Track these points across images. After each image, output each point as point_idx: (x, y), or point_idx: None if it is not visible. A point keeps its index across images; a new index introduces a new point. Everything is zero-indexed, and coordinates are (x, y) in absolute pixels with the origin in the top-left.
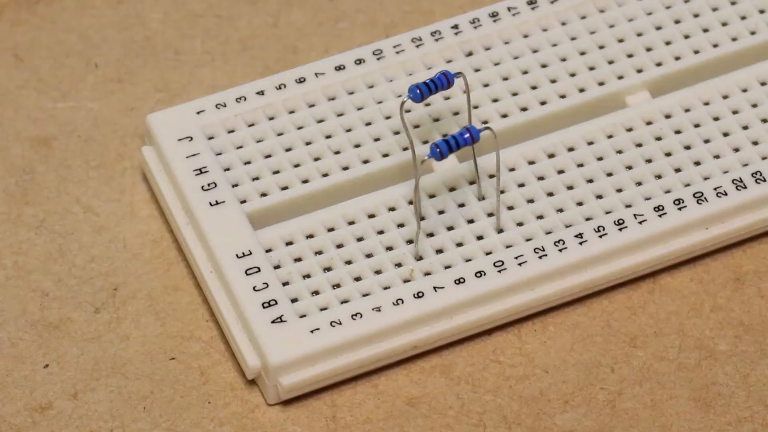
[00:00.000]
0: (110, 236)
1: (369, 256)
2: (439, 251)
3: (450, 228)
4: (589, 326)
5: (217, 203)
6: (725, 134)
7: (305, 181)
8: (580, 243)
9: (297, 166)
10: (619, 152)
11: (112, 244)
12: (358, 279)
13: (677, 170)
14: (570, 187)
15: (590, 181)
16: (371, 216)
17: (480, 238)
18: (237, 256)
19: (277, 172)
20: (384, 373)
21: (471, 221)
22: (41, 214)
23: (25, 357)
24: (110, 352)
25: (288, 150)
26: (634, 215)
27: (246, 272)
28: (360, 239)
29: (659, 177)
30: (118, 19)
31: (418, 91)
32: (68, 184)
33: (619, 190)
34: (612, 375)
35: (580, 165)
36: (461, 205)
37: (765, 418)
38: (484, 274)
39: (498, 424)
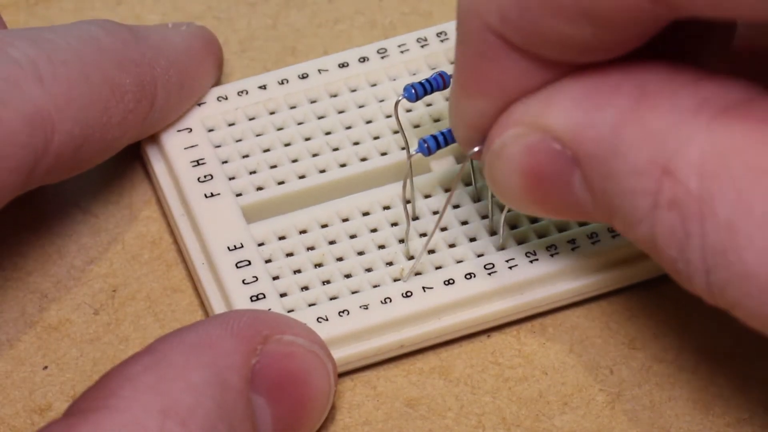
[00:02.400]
0: (109, 238)
1: (361, 253)
2: (431, 251)
3: (443, 229)
4: (588, 328)
5: (212, 195)
6: None
7: (302, 177)
8: (573, 249)
9: (295, 161)
10: None
11: (111, 246)
12: (348, 276)
13: None
14: None
15: None
16: (365, 214)
17: (473, 240)
18: (228, 248)
19: (274, 166)
20: (383, 374)
21: (464, 223)
22: (40, 215)
23: (24, 358)
24: (109, 354)
25: (287, 145)
26: None
27: (236, 265)
28: (353, 236)
29: None
30: (117, 20)
31: (412, 91)
32: (67, 185)
33: None
34: (611, 376)
35: None
36: (456, 207)
37: (764, 420)
38: (474, 276)
39: (497, 426)
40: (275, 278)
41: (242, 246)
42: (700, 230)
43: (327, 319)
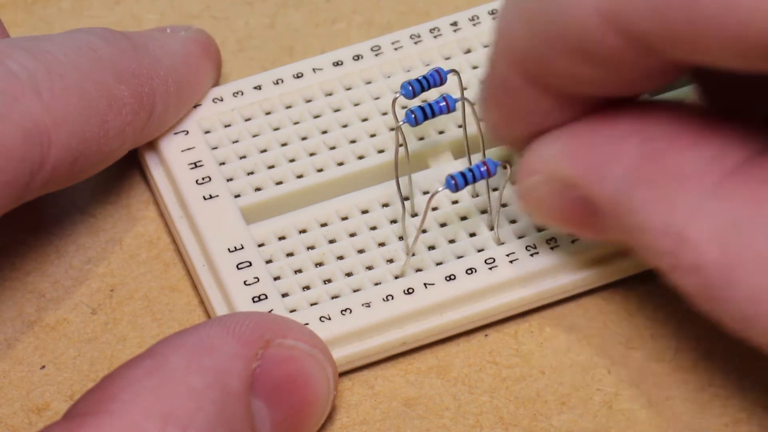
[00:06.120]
0: (107, 237)
1: (361, 251)
2: (431, 248)
3: (443, 224)
4: (586, 327)
5: (211, 197)
6: None
7: (300, 176)
8: (572, 241)
9: (292, 161)
10: None
11: (109, 246)
12: (349, 274)
13: None
14: None
15: None
16: (365, 212)
17: (472, 235)
18: (229, 250)
19: (272, 166)
20: (380, 374)
21: (464, 218)
22: (38, 216)
23: (22, 358)
24: (107, 354)
25: (283, 145)
26: None
27: (237, 266)
28: (353, 235)
29: None
30: (115, 20)
31: (410, 88)
32: None
33: None
34: (609, 376)
35: None
36: (455, 202)
37: (762, 420)
38: (475, 272)
39: (494, 425)
40: (276, 278)
41: (242, 247)
42: (725, 295)
43: (330, 318)
